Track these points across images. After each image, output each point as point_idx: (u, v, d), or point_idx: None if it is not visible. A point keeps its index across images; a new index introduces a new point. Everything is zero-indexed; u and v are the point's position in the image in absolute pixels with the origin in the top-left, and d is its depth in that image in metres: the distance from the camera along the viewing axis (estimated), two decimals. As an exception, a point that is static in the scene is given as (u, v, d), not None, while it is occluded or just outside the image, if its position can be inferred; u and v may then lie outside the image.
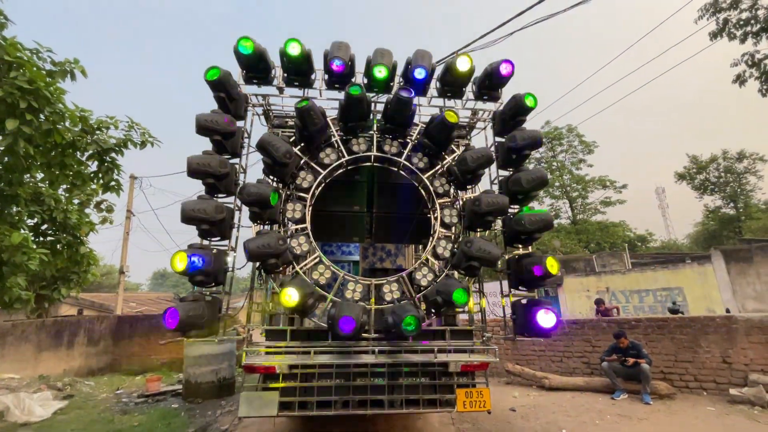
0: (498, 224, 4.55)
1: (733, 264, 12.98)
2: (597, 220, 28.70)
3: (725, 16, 12.55)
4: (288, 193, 4.42)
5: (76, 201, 9.33)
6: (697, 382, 6.35)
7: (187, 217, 3.47)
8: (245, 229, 4.27)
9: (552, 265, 3.73)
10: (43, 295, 9.27)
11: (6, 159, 6.82)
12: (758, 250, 12.86)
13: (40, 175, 8.25)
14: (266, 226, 4.34)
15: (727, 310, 11.55)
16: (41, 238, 8.88)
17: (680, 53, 11.12)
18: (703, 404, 5.80)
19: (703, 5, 12.77)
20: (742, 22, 12.38)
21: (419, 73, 4.23)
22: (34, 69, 6.32)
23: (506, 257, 4.38)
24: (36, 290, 8.90)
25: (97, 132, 7.90)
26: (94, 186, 8.86)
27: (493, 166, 4.61)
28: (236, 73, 4.21)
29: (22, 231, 7.45)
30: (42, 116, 6.56)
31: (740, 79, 12.72)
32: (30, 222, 8.48)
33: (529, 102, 4.25)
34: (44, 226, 8.86)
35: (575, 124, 29.53)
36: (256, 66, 4.24)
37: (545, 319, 3.66)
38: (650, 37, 11.18)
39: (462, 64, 4.28)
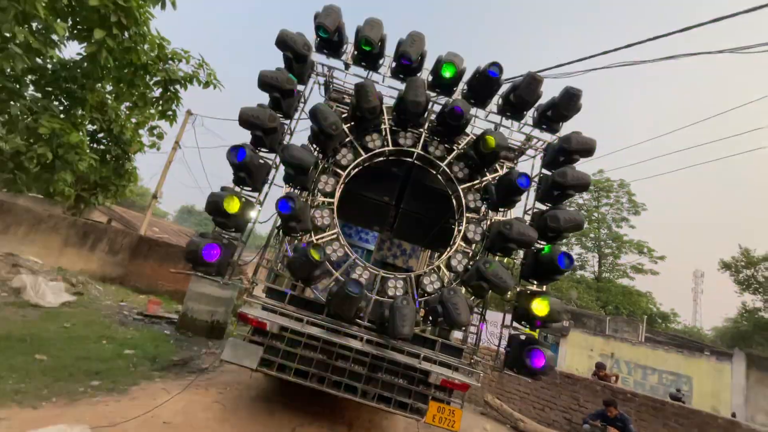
0: (519, 255, 4.47)
1: (754, 370, 12.10)
2: (622, 284, 27.42)
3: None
4: (325, 165, 4.50)
5: (133, 120, 9.89)
6: (678, 477, 6.01)
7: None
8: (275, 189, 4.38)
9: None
10: (82, 197, 9.93)
11: (85, 65, 7.32)
12: (787, 365, 11.93)
13: (108, 87, 8.79)
14: (296, 190, 4.45)
15: (733, 414, 10.80)
16: (95, 145, 9.49)
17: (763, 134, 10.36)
18: (678, 500, 5.50)
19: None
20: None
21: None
22: (132, -12, 6.70)
23: (518, 290, 4.30)
24: (78, 191, 9.54)
25: (170, 62, 8.33)
26: (153, 111, 9.36)
27: (531, 196, 4.51)
28: (311, 38, 4.29)
29: (81, 133, 7.98)
30: (126, 34, 6.98)
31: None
32: (90, 127, 9.08)
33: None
34: (101, 135, 9.46)
35: (629, 181, 28.16)
36: (330, 38, 4.31)
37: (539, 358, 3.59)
38: (736, 112, 10.46)
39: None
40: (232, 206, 3.59)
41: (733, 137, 10.13)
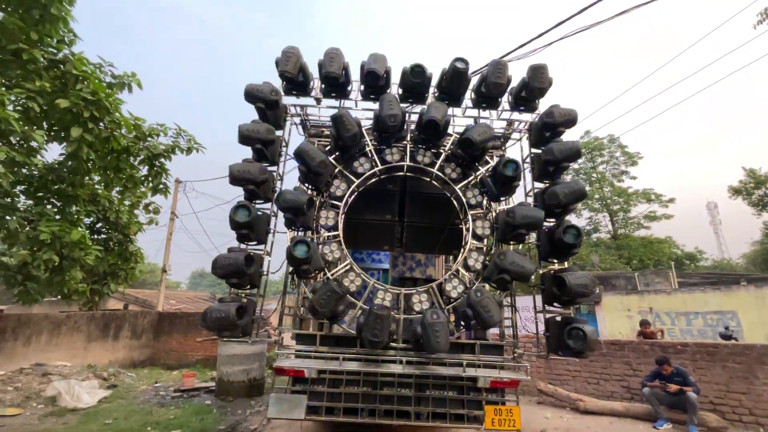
0: (532, 238, 4.44)
1: (796, 288, 11.83)
2: (640, 236, 27.09)
3: (789, 20, 11.63)
4: (322, 200, 4.53)
5: (126, 202, 10.02)
6: (753, 417, 5.80)
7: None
8: (281, 235, 4.41)
9: None
10: (95, 289, 9.98)
11: (69, 163, 7.47)
12: (827, 275, 11.67)
13: (96, 178, 8.95)
14: (300, 232, 4.47)
15: (790, 339, 10.51)
16: (96, 236, 9.60)
17: (738, 60, 10.41)
18: (760, 442, 5.30)
19: (764, 9, 11.90)
20: (808, 27, 11.42)
21: None
22: (97, 81, 6.91)
23: (540, 272, 4.25)
24: (89, 285, 9.60)
25: (149, 138, 8.50)
26: (143, 189, 9.50)
27: (528, 177, 4.52)
28: (277, 84, 4.39)
29: (80, 229, 8.08)
30: (102, 124, 7.14)
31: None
32: (87, 221, 9.20)
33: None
34: (99, 225, 9.58)
35: (618, 134, 28.18)
36: (295, 78, 4.41)
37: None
38: (707, 43, 10.55)
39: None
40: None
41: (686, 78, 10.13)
